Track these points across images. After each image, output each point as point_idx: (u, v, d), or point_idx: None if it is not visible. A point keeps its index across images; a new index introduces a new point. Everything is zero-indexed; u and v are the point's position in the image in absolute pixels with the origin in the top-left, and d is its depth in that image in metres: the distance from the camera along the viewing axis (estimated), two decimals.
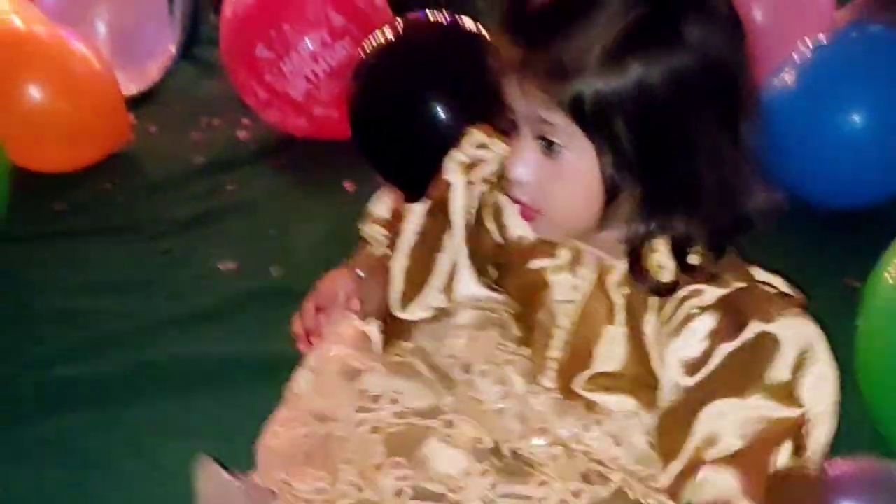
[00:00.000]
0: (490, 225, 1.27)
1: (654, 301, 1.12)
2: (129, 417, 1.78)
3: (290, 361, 1.74)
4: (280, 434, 1.29)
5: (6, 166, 2.33)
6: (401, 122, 2.33)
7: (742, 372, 1.06)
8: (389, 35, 2.39)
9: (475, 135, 1.29)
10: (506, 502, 1.12)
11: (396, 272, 1.31)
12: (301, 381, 1.36)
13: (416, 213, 1.33)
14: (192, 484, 1.39)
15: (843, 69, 2.23)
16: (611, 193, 1.05)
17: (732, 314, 1.07)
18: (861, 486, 1.30)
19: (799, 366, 1.06)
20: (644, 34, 1.00)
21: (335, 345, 1.35)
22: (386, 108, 2.37)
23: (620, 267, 1.13)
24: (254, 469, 1.31)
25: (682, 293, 1.09)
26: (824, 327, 1.53)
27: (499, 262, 1.28)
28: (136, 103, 3.05)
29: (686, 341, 1.08)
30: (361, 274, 1.40)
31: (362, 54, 2.42)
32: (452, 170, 1.30)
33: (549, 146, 1.05)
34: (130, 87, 3.08)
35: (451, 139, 1.34)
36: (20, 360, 1.96)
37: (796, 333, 1.06)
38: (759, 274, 1.18)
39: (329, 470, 1.19)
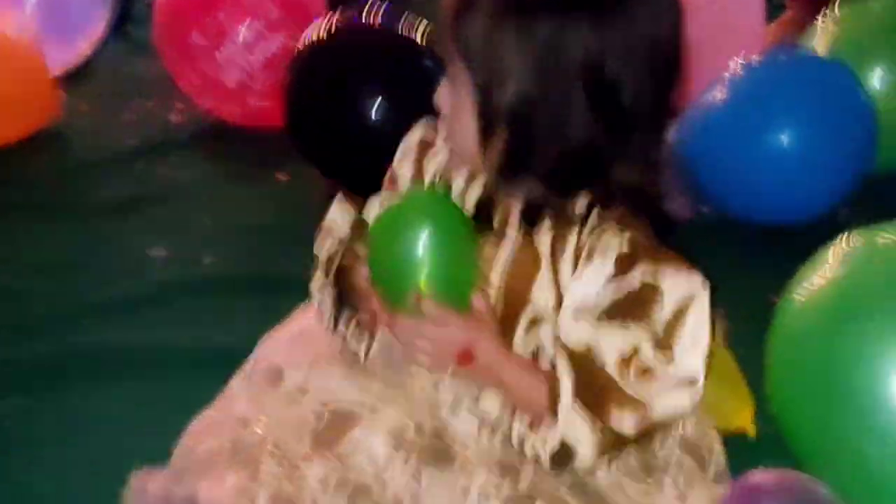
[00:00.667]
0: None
1: (572, 235, 1.18)
2: (54, 403, 1.77)
3: (219, 351, 1.77)
4: (203, 439, 1.31)
5: None
6: (334, 115, 2.34)
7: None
8: (325, 28, 2.40)
9: (425, 122, 1.33)
10: (429, 491, 1.17)
11: None
12: (233, 383, 1.39)
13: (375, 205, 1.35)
14: (116, 474, 1.38)
15: (771, 88, 2.28)
16: (483, 127, 1.12)
17: (630, 250, 1.14)
18: (779, 497, 1.35)
19: (677, 317, 1.14)
20: None
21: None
22: (320, 101, 2.37)
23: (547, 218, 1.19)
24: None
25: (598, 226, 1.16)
26: (743, 342, 1.61)
27: None
28: (67, 80, 3.01)
29: (592, 273, 1.16)
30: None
31: (298, 47, 2.42)
32: (401, 157, 1.34)
33: (449, 77, 1.15)
34: (60, 63, 3.02)
35: (381, 134, 1.35)
36: None
37: (681, 288, 1.14)
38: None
39: (251, 468, 1.21)
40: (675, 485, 1.24)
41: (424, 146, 1.32)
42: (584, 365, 1.14)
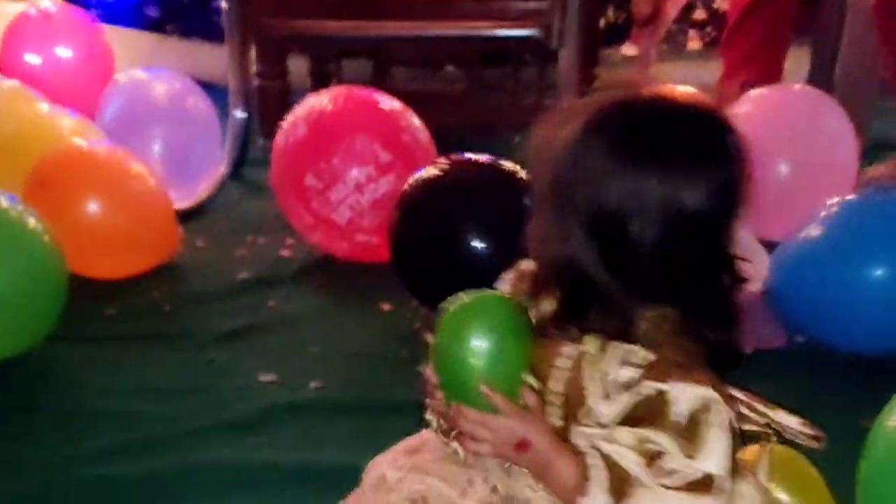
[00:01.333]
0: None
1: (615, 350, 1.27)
2: None
3: (323, 471, 1.91)
4: None
5: (65, 274, 2.44)
6: (438, 250, 2.45)
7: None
8: (433, 171, 2.52)
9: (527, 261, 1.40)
10: None
11: None
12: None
13: None
14: None
15: (865, 223, 2.36)
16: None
17: (647, 372, 1.22)
18: None
19: (694, 422, 1.20)
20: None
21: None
22: (425, 236, 2.49)
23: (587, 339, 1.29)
24: None
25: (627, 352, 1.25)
26: (834, 465, 1.62)
27: None
28: (185, 218, 3.16)
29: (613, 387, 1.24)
30: None
31: (406, 187, 2.54)
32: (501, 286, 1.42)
33: None
34: (181, 203, 3.19)
35: (484, 269, 1.44)
36: (65, 458, 2.02)
37: (689, 395, 1.20)
38: (777, 413, 1.37)
39: None
40: None
41: (521, 275, 1.40)
42: (613, 464, 1.21)
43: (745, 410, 1.38)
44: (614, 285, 1.23)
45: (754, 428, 1.39)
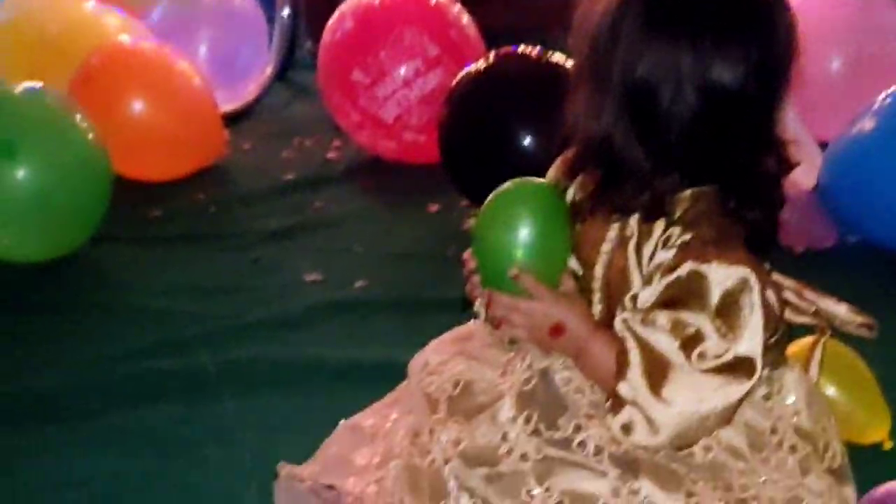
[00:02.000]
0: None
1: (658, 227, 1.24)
2: (212, 411, 1.84)
3: (366, 366, 1.91)
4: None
5: (110, 173, 2.43)
6: (488, 145, 2.41)
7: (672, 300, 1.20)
8: (481, 65, 2.47)
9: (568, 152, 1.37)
10: (549, 451, 1.26)
11: None
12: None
13: None
14: (268, 473, 1.49)
15: None
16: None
17: (680, 255, 1.20)
18: None
19: (727, 303, 1.18)
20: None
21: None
22: (475, 134, 2.44)
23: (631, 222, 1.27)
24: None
25: (666, 235, 1.23)
26: (885, 362, 1.61)
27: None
28: (232, 120, 3.15)
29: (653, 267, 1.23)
30: None
31: (455, 83, 2.50)
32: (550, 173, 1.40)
33: None
34: (227, 105, 3.18)
35: (535, 165, 1.41)
36: (112, 353, 2.04)
37: (725, 275, 1.18)
38: (825, 301, 1.37)
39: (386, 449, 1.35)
40: (785, 464, 1.26)
41: (565, 162, 1.36)
42: (648, 347, 1.20)
43: (792, 298, 1.37)
44: (647, 161, 1.21)
45: (803, 319, 1.39)
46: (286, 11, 3.59)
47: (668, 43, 1.17)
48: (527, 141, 2.36)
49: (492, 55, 2.50)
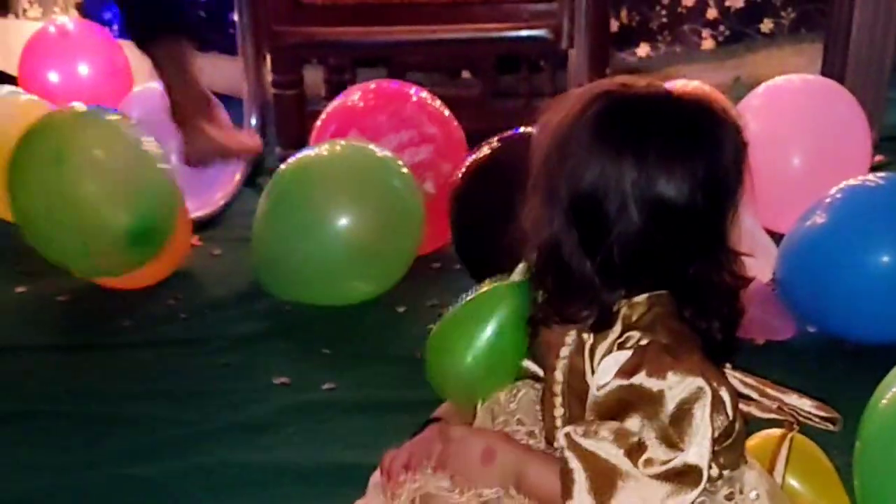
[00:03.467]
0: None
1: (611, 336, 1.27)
2: None
3: (331, 469, 1.93)
4: None
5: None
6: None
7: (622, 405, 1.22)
8: (485, 151, 2.53)
9: None
10: None
11: None
12: None
13: None
14: None
15: (873, 209, 2.32)
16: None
17: (636, 359, 1.21)
18: None
19: (681, 411, 1.19)
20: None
21: None
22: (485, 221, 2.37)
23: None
24: None
25: (622, 338, 1.25)
26: (849, 455, 1.61)
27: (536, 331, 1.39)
28: (202, 227, 3.20)
29: (603, 370, 1.24)
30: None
31: (458, 175, 2.54)
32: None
33: None
34: (197, 212, 3.22)
35: None
36: (83, 460, 2.04)
37: (681, 387, 1.20)
38: (789, 397, 1.40)
39: None
40: None
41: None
42: (593, 459, 1.20)
43: (754, 395, 1.38)
44: (595, 273, 1.24)
45: (768, 414, 1.40)
46: (254, 120, 3.65)
47: (613, 158, 1.21)
48: None
49: (493, 140, 2.55)
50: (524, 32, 3.49)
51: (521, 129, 2.51)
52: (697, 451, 1.19)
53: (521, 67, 3.79)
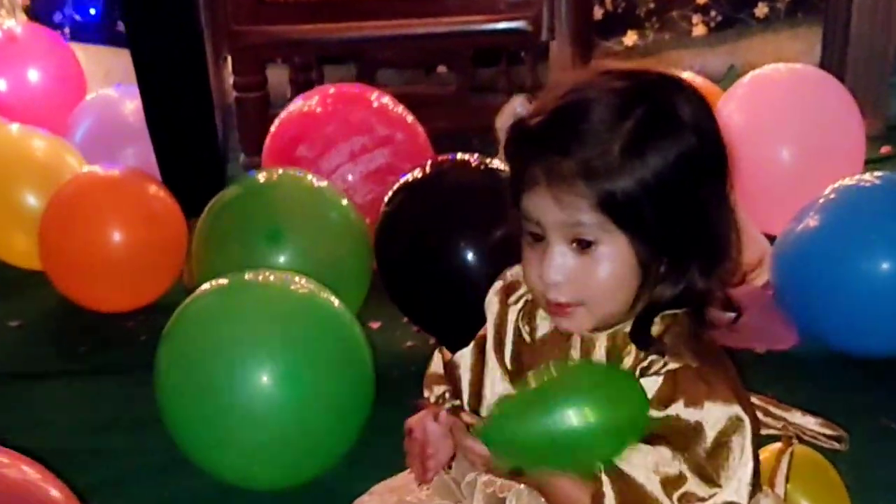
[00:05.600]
0: (524, 329, 1.36)
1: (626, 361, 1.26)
2: None
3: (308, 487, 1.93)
4: None
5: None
6: (424, 262, 2.39)
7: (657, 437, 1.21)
8: (417, 174, 2.47)
9: (514, 267, 1.38)
10: None
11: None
12: None
13: (466, 356, 1.42)
14: None
15: (872, 212, 2.29)
16: (645, 273, 1.21)
17: (669, 387, 1.21)
18: None
19: (719, 445, 1.20)
20: (652, 127, 1.18)
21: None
22: (409, 247, 2.42)
23: (602, 339, 1.27)
24: None
25: (646, 363, 1.24)
26: (857, 468, 1.63)
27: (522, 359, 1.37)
28: None
29: None
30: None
31: (390, 193, 2.49)
32: (490, 297, 1.40)
33: (583, 245, 1.20)
34: None
35: (473, 282, 1.40)
36: None
37: (717, 416, 1.20)
38: (794, 415, 1.41)
39: None
40: None
41: (508, 286, 1.38)
42: (629, 484, 1.21)
43: (759, 415, 1.38)
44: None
45: (771, 431, 1.42)
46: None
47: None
48: (468, 255, 2.33)
49: (428, 163, 2.51)
50: (502, 25, 3.49)
51: (456, 155, 2.49)
52: (736, 487, 1.21)
53: (500, 61, 3.78)
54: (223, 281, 2.05)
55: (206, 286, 2.06)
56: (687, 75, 2.61)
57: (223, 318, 2.00)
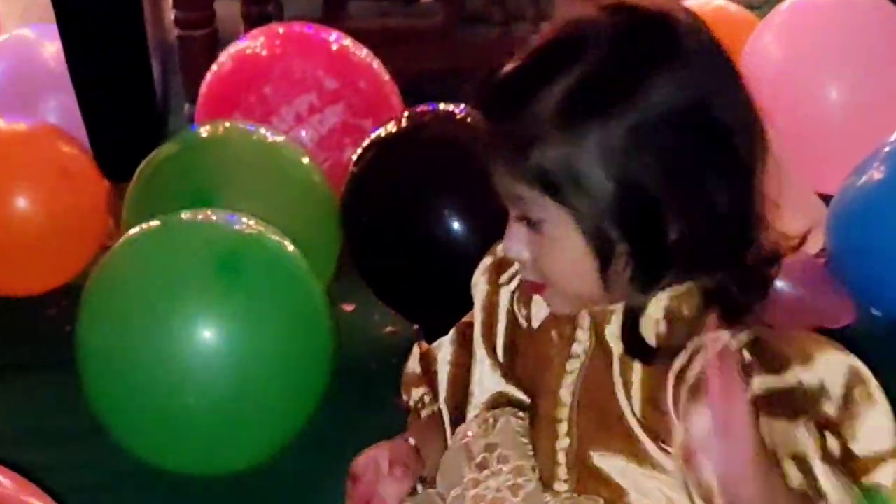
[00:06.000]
0: (520, 313, 1.32)
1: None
2: None
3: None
4: None
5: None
6: (400, 233, 2.28)
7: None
8: (391, 128, 2.35)
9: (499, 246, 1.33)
10: None
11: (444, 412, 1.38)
12: None
13: (445, 347, 1.38)
14: None
15: None
16: (602, 256, 1.13)
17: (762, 357, 1.13)
18: None
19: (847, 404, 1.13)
20: (595, 94, 1.10)
21: None
22: (382, 216, 2.31)
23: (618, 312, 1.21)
24: None
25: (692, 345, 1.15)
26: None
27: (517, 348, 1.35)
28: None
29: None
30: (412, 441, 1.39)
31: (360, 151, 2.36)
32: (477, 278, 1.35)
33: (531, 223, 1.15)
34: None
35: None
36: None
37: (836, 367, 1.14)
38: None
39: None
40: None
41: (499, 263, 1.33)
42: None
43: None
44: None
45: None
46: (154, 69, 3.33)
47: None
48: (453, 224, 2.21)
49: (404, 116, 2.38)
50: None
51: (437, 105, 2.37)
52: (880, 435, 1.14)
53: None
54: (154, 223, 1.95)
55: (134, 230, 1.96)
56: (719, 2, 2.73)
57: (152, 265, 1.89)
